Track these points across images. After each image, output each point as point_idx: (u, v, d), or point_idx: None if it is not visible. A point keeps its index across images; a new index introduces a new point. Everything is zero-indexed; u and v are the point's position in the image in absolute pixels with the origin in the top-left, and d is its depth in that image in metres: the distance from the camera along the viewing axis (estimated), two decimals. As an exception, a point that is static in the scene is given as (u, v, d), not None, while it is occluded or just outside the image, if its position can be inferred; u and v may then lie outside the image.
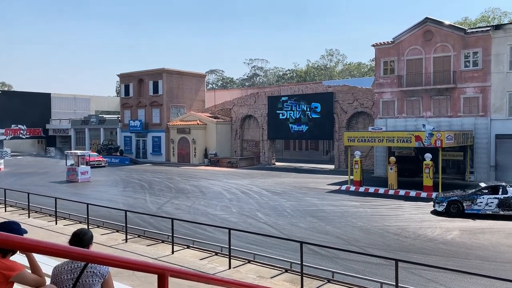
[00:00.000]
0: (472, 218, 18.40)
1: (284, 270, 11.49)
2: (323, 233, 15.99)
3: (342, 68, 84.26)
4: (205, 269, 11.30)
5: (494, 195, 18.51)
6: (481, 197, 18.61)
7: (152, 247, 13.74)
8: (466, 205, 18.76)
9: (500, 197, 18.28)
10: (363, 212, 19.97)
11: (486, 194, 18.72)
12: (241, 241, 14.31)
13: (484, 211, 18.47)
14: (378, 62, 33.21)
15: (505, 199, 18.17)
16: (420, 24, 30.97)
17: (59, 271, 3.97)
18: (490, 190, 18.87)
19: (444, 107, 30.26)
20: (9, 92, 70.22)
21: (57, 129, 62.74)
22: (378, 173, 32.19)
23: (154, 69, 49.22)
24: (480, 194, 18.81)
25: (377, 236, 15.61)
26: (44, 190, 25.99)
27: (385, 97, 32.79)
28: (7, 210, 19.54)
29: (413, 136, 24.92)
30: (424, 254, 13.23)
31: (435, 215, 19.17)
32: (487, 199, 18.47)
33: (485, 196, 18.57)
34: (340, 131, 37.15)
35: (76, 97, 70.86)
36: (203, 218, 18.67)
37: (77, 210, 18.54)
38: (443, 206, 19.17)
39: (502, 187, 18.70)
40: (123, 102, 52.59)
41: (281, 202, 22.41)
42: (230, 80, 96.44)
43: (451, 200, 19.05)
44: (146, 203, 22.68)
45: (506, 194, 18.29)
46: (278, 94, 42.48)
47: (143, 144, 50.57)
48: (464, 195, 19.09)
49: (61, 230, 15.66)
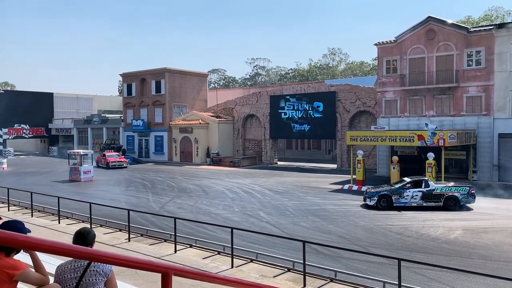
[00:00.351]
0: (398, 210, 19.91)
1: (287, 269, 11.49)
2: (326, 233, 15.99)
3: (344, 67, 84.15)
4: (208, 268, 11.31)
5: (418, 189, 20.21)
6: (407, 191, 20.25)
7: (155, 246, 13.76)
8: (395, 199, 20.26)
9: (424, 190, 20.09)
10: (365, 211, 19.95)
11: (411, 188, 20.33)
12: (243, 240, 14.32)
13: (410, 204, 20.13)
14: (381, 61, 33.15)
15: (428, 192, 20.03)
16: (422, 23, 30.90)
17: (62, 270, 3.98)
18: (414, 184, 20.47)
19: (447, 106, 30.19)
20: (12, 91, 70.41)
21: (59, 129, 62.87)
22: (381, 173, 32.14)
23: (157, 69, 49.26)
24: (406, 188, 20.38)
25: (380, 235, 15.59)
26: (47, 189, 26.05)
27: (387, 96, 32.73)
28: (10, 209, 19.60)
29: (415, 135, 24.88)
30: (427, 254, 13.21)
31: (366, 209, 20.33)
32: (412, 192, 20.15)
33: (411, 190, 20.22)
34: (342, 130, 37.11)
35: (79, 97, 70.99)
36: (206, 217, 18.69)
37: (79, 209, 18.58)
38: (374, 200, 20.46)
39: (425, 181, 20.54)
40: (126, 101, 52.65)
41: (283, 201, 22.40)
42: (232, 79, 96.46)
43: (381, 195, 20.44)
44: (149, 202, 22.72)
45: (428, 188, 20.16)
46: (280, 94, 42.46)
47: (146, 144, 50.63)
48: (393, 190, 20.60)
49: (64, 229, 15.71)
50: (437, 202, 20.02)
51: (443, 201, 19.98)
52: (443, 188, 20.33)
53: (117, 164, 40.26)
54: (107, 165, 39.91)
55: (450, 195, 20.01)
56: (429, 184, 20.32)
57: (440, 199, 20.03)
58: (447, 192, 20.09)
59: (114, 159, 40.80)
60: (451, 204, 19.92)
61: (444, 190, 20.21)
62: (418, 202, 20.12)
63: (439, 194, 20.07)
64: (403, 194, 20.30)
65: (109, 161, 40.22)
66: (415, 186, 20.43)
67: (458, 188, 20.23)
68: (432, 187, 20.21)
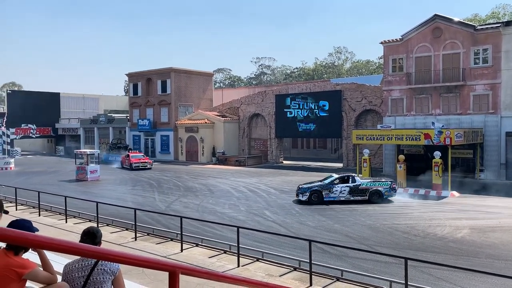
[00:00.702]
0: (326, 204, 21.03)
1: (293, 269, 11.48)
2: (332, 232, 15.96)
3: (350, 66, 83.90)
4: (214, 267, 11.33)
5: (346, 184, 21.51)
6: (336, 186, 21.47)
7: (161, 245, 13.81)
8: (325, 194, 21.38)
9: (351, 185, 21.43)
10: (371, 210, 19.90)
11: (340, 183, 21.56)
12: (249, 239, 14.33)
13: (338, 198, 21.35)
14: (387, 59, 33.02)
15: (354, 187, 21.39)
16: (429, 21, 30.72)
17: (70, 269, 4.01)
18: (342, 180, 21.77)
19: (454, 105, 30.01)
20: (19, 92, 70.94)
21: (66, 128, 63.22)
22: (387, 171, 32.00)
23: (162, 68, 49.39)
24: (335, 184, 21.60)
25: (386, 234, 15.55)
26: (54, 188, 26.21)
27: (393, 94, 32.60)
28: (18, 209, 19.75)
29: (422, 134, 24.77)
30: (433, 253, 13.15)
31: (298, 204, 21.18)
32: (340, 187, 21.42)
33: (339, 185, 21.47)
34: (348, 129, 37.02)
35: (85, 97, 71.35)
36: (212, 216, 18.72)
37: (86, 209, 18.67)
38: (306, 196, 21.43)
39: (352, 176, 21.92)
40: (132, 101, 52.84)
41: (289, 200, 22.39)
42: (237, 78, 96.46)
43: (313, 190, 21.45)
44: (155, 201, 22.79)
45: (355, 183, 21.50)
46: (285, 93, 42.40)
47: (152, 143, 50.79)
48: (323, 185, 21.66)
49: (71, 228, 15.80)
50: (363, 196, 21.35)
51: (368, 195, 21.35)
52: (368, 183, 21.69)
53: (140, 165, 37.95)
54: (131, 166, 38.00)
55: (374, 189, 21.41)
56: (355, 180, 21.65)
57: (365, 193, 21.37)
58: (372, 187, 21.46)
59: (137, 160, 38.52)
60: (375, 197, 21.30)
61: (369, 185, 21.56)
62: (346, 196, 21.37)
63: (365, 189, 21.41)
64: (333, 189, 21.44)
65: (132, 162, 38.02)
66: (343, 181, 21.66)
67: (381, 183, 21.68)
68: (358, 183, 21.53)
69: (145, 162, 38.52)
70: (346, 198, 21.40)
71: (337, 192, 21.45)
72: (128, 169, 38.03)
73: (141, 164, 38.06)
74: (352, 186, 21.46)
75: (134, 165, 37.76)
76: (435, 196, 23.43)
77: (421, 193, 24.06)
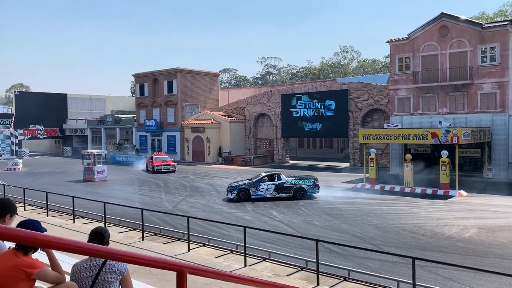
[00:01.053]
0: (252, 201, 21.73)
1: (300, 268, 11.47)
2: (339, 231, 15.93)
3: (356, 65, 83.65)
4: (221, 266, 11.35)
5: (272, 182, 22.40)
6: (263, 184, 22.34)
7: (168, 245, 13.85)
8: (252, 191, 22.21)
9: (276, 183, 22.34)
10: (378, 210, 19.83)
11: (266, 181, 22.43)
12: (256, 239, 14.34)
13: (265, 195, 22.22)
14: (393, 58, 32.87)
15: (280, 184, 22.32)
16: (435, 20, 30.55)
17: (78, 269, 4.04)
18: (269, 178, 22.67)
19: (461, 104, 29.82)
20: (27, 93, 71.43)
21: (73, 129, 63.61)
22: (394, 171, 31.87)
23: (169, 69, 49.54)
24: (262, 181, 22.44)
25: (393, 234, 15.48)
26: (62, 189, 26.38)
27: (400, 94, 32.45)
28: (26, 209, 19.89)
29: (429, 133, 24.64)
30: (441, 252, 13.08)
31: (228, 202, 21.92)
32: (267, 185, 22.28)
33: (266, 183, 22.33)
34: (355, 128, 36.90)
35: (92, 98, 71.72)
36: (218, 216, 18.75)
37: (94, 209, 18.78)
38: (234, 194, 22.26)
39: (277, 175, 22.92)
40: (138, 101, 53.05)
41: (296, 200, 22.36)
42: (243, 78, 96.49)
43: (240, 188, 22.31)
44: (162, 201, 22.86)
45: (280, 181, 22.44)
46: (291, 92, 42.36)
47: (158, 143, 50.95)
48: (250, 183, 22.60)
49: (78, 228, 15.90)
50: (287, 193, 22.29)
51: (293, 192, 22.29)
52: (292, 181, 22.64)
53: (163, 168, 34.95)
54: (153, 169, 35.63)
55: (298, 186, 22.36)
56: (281, 178, 22.61)
57: (290, 191, 22.32)
58: (296, 184, 22.42)
59: (159, 162, 35.65)
60: (299, 194, 22.24)
61: (293, 182, 22.52)
62: (271, 193, 22.28)
63: (289, 186, 22.37)
64: (259, 187, 22.34)
65: (155, 165, 35.54)
66: (270, 180, 22.58)
67: (305, 181, 22.64)
68: (283, 180, 22.47)
69: (168, 164, 35.72)
70: (272, 195, 22.26)
71: (263, 189, 22.31)
72: (151, 172, 35.90)
73: (163, 166, 35.23)
74: (278, 184, 22.36)
75: (156, 167, 35.18)
76: (443, 195, 23.26)
77: (428, 192, 23.93)
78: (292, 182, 22.54)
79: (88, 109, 69.70)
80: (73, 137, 64.48)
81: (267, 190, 22.32)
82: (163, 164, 35.43)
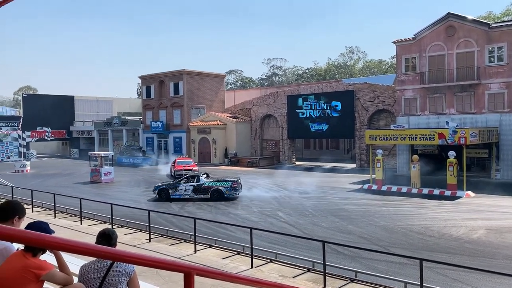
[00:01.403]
0: (171, 201, 22.42)
1: (307, 270, 11.44)
2: (346, 233, 15.87)
3: (362, 65, 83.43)
4: (228, 268, 11.35)
5: (190, 183, 22.91)
6: (182, 185, 22.97)
7: (175, 247, 13.88)
8: (171, 192, 22.92)
9: (195, 184, 22.83)
10: (385, 211, 19.74)
11: (186, 182, 23.07)
12: (262, 240, 14.32)
13: (183, 196, 22.80)
14: (400, 59, 32.76)
15: (198, 185, 22.76)
16: (442, 20, 30.41)
17: (86, 270, 4.07)
18: (188, 179, 23.40)
19: (468, 104, 29.64)
20: (34, 95, 71.95)
21: (80, 131, 63.97)
22: (401, 172, 31.74)
23: (175, 71, 49.69)
24: (181, 183, 23.14)
25: (401, 235, 15.41)
26: (69, 191, 26.51)
27: (407, 94, 32.32)
28: (34, 211, 20.02)
29: (436, 133, 24.51)
30: (449, 254, 13.00)
31: (153, 202, 22.75)
32: (185, 186, 22.86)
33: (185, 184, 22.97)
34: (361, 129, 36.79)
35: (99, 99, 72.05)
36: (224, 217, 18.76)
37: (101, 210, 18.86)
38: (155, 194, 23.31)
39: (197, 176, 23.44)
40: (145, 103, 53.26)
41: (302, 201, 22.33)
42: (249, 80, 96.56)
43: (160, 189, 23.22)
44: (169, 202, 22.90)
45: (199, 182, 22.90)
46: (297, 93, 42.32)
47: (165, 145, 51.11)
48: (170, 184, 23.63)
49: (86, 229, 15.97)
50: (205, 194, 22.67)
51: (210, 194, 22.62)
52: (210, 182, 23.05)
53: (183, 174, 30.20)
54: (174, 175, 32.38)
55: (215, 188, 22.62)
56: (199, 179, 23.08)
57: (208, 192, 22.65)
58: (213, 186, 22.70)
59: (180, 167, 32.65)
60: (216, 196, 22.44)
61: (211, 184, 22.88)
62: (190, 194, 22.77)
63: (207, 188, 22.70)
64: (178, 188, 22.96)
65: (175, 169, 32.54)
66: (190, 180, 23.22)
67: (222, 183, 22.89)
68: (202, 182, 22.92)
69: (189, 170, 31.54)
70: (190, 196, 22.73)
71: (182, 190, 22.89)
72: (171, 177, 32.32)
73: (184, 172, 31.22)
74: (196, 185, 22.81)
75: (176, 172, 32.07)
76: (450, 196, 23.12)
77: (435, 193, 23.79)
78: (209, 184, 22.94)
79: (95, 111, 70.04)
80: (80, 139, 64.85)
81: (185, 191, 22.85)
82: (184, 169, 32.07)
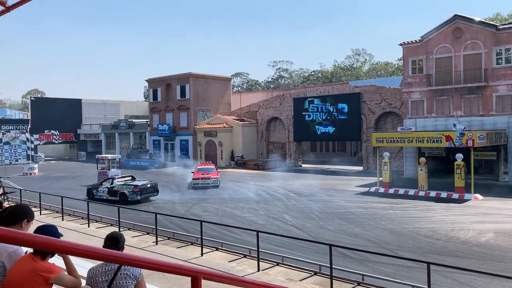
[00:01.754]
0: (95, 200, 23.12)
1: (313, 273, 11.42)
2: (352, 236, 15.82)
3: (369, 68, 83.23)
4: (234, 271, 11.35)
5: (106, 186, 24.60)
6: (101, 187, 24.91)
7: (182, 249, 13.91)
8: (94, 192, 24.89)
9: (109, 187, 24.45)
10: (392, 214, 19.65)
11: (105, 184, 24.86)
12: (269, 243, 14.31)
13: (102, 197, 24.38)
14: (406, 61, 32.64)
15: (111, 187, 24.31)
16: (449, 22, 30.27)
17: (94, 273, 4.09)
18: (106, 181, 25.32)
19: (476, 106, 29.45)
20: (42, 98, 72.47)
21: (88, 134, 64.34)
22: (408, 174, 31.58)
23: (181, 74, 49.90)
24: (101, 185, 25.06)
25: (408, 238, 15.33)
26: (77, 193, 26.66)
27: (414, 96, 32.18)
28: (42, 213, 20.16)
29: (443, 136, 24.38)
30: (457, 257, 12.91)
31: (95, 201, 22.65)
32: (103, 188, 24.66)
33: (103, 186, 24.79)
34: (368, 132, 36.68)
35: (106, 103, 72.47)
36: (231, 220, 18.77)
37: (108, 213, 18.94)
38: (86, 194, 25.36)
39: (112, 179, 25.19)
40: (152, 106, 53.49)
41: (309, 204, 22.29)
42: (255, 82, 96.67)
43: (88, 189, 25.67)
44: (175, 205, 22.97)
45: (112, 185, 24.45)
46: (303, 96, 42.30)
47: (172, 147, 51.28)
48: (94, 185, 26.02)
49: (93, 232, 16.05)
50: (115, 196, 23.94)
51: (119, 196, 23.82)
52: (118, 185, 24.34)
53: (200, 183, 28.30)
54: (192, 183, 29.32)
55: (122, 191, 23.87)
56: (113, 182, 24.64)
57: (117, 194, 23.95)
58: (120, 189, 24.04)
59: (198, 175, 29.05)
60: (123, 198, 23.47)
61: (119, 187, 24.20)
62: (106, 196, 24.28)
63: (116, 191, 24.07)
64: (99, 189, 24.86)
65: (194, 177, 29.12)
66: (108, 183, 24.81)
67: (126, 186, 24.06)
68: (113, 185, 24.36)
69: (206, 178, 28.61)
70: (106, 197, 24.18)
71: (101, 191, 24.60)
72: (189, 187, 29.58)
73: (201, 181, 28.54)
74: (110, 187, 24.39)
75: (193, 182, 28.99)
76: (458, 199, 22.96)
77: (443, 196, 23.65)
78: (118, 187, 24.21)
79: (102, 114, 70.44)
80: (88, 141, 65.23)
81: (103, 192, 24.51)
82: (201, 178, 28.70)
